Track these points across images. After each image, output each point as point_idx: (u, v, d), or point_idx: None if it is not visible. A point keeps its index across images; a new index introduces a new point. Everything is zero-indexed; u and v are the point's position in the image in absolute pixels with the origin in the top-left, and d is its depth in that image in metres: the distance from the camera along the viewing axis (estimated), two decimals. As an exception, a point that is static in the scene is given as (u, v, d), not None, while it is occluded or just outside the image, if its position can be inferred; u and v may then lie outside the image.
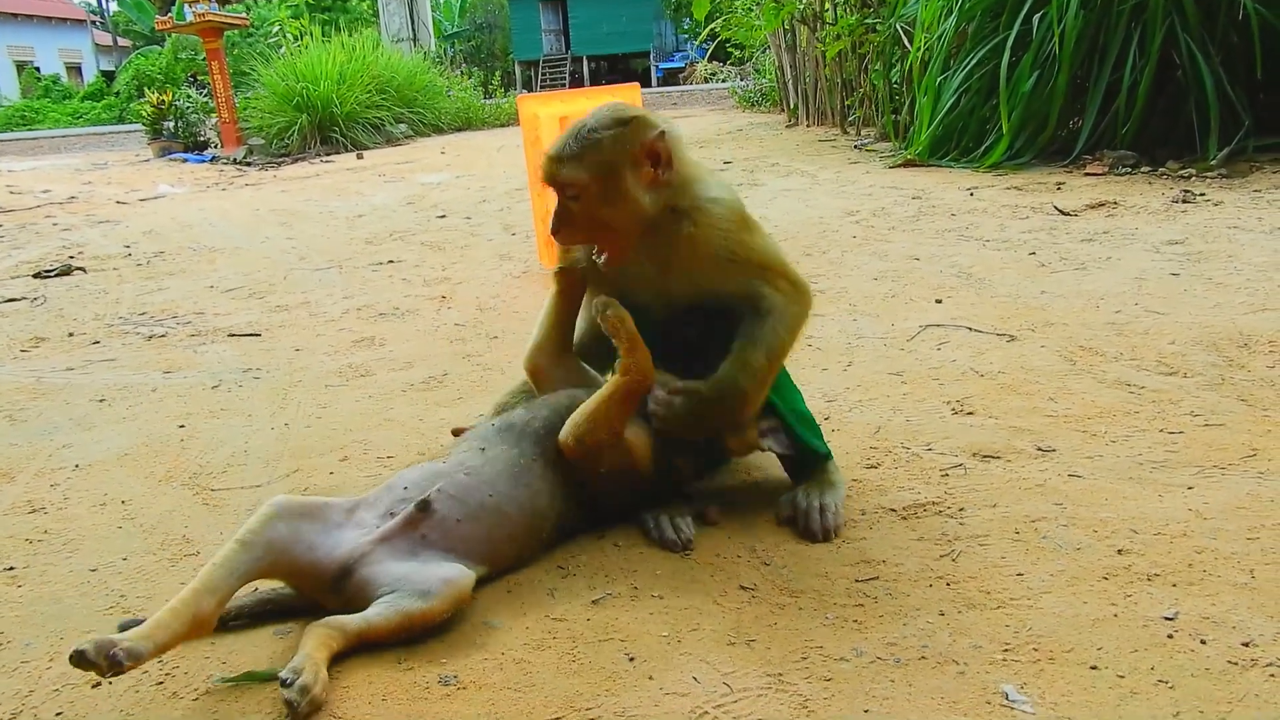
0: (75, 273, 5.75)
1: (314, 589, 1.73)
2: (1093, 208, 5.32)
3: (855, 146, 9.31)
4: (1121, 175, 6.18)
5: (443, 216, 7.12)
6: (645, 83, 34.21)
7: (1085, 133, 6.71)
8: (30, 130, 27.39)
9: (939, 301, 3.70)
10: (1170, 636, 1.55)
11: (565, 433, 1.91)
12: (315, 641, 1.55)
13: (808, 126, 12.05)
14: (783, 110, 13.66)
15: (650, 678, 1.54)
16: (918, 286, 3.97)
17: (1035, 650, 1.55)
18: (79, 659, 1.42)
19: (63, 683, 1.62)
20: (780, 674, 1.53)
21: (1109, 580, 1.73)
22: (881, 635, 1.62)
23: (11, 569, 2.05)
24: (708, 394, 1.91)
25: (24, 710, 1.55)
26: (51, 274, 5.70)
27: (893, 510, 2.06)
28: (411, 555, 1.72)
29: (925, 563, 1.84)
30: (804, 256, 4.71)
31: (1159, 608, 1.63)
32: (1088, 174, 6.32)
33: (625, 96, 4.55)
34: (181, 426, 2.92)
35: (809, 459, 2.10)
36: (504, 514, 1.84)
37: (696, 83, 25.62)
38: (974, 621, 1.64)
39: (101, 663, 1.42)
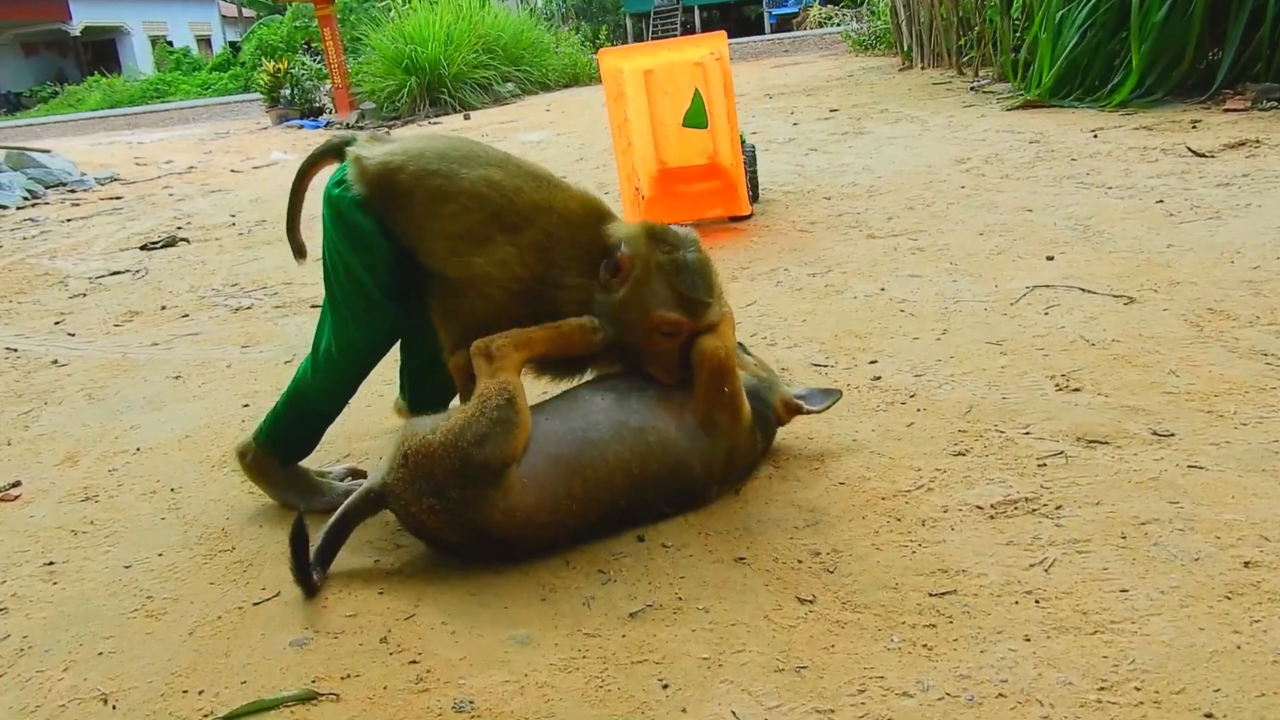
0: (179, 244, 5.84)
1: None
2: (1231, 148, 4.82)
3: (971, 89, 8.78)
4: (1266, 110, 5.61)
5: (538, 177, 6.99)
6: (759, 30, 33.35)
7: (1225, 65, 6.14)
8: (163, 102, 28.43)
9: (1050, 259, 3.37)
10: (1306, 676, 1.30)
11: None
12: None
13: (922, 69, 11.47)
14: (897, 53, 13.06)
15: (684, 710, 1.37)
16: (1027, 242, 3.63)
17: (1137, 690, 1.31)
18: None
19: (70, 697, 1.54)
20: (831, 710, 1.34)
21: (1232, 600, 1.47)
22: (953, 665, 1.40)
23: (51, 564, 2.01)
24: None
25: (29, 727, 1.49)
26: (157, 246, 5.81)
27: (979, 507, 1.82)
28: None
29: (1012, 573, 1.61)
30: (906, 210, 4.39)
31: (1293, 638, 1.37)
32: (1227, 110, 5.77)
33: (711, 44, 4.31)
34: (246, 406, 2.87)
35: None
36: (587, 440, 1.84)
37: (810, 28, 24.91)
38: (1065, 650, 1.40)
39: None
